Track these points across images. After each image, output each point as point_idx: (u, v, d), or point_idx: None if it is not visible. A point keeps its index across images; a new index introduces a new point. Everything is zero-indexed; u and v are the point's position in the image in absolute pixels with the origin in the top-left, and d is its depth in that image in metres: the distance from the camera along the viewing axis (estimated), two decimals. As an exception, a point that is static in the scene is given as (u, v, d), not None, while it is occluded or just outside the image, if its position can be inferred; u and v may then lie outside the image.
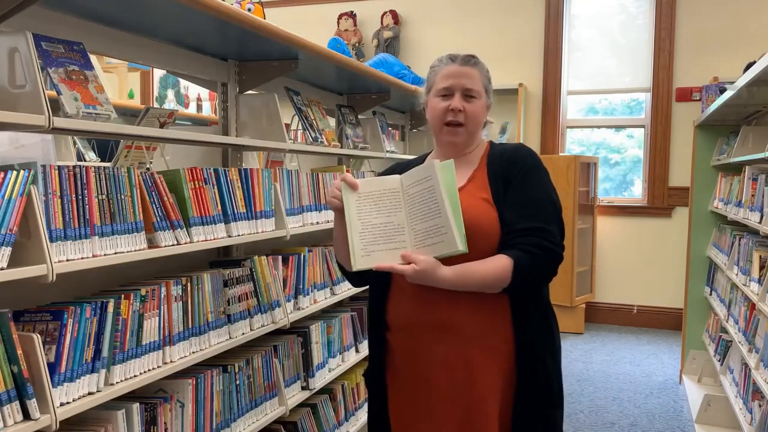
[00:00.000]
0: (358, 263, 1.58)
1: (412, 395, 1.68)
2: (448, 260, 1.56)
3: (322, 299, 2.60)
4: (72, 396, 1.43)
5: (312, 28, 6.30)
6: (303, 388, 2.45)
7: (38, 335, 1.34)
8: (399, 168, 1.83)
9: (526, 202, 1.62)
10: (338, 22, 6.69)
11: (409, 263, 1.53)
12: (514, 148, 1.73)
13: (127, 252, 1.61)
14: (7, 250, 1.29)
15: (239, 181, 2.08)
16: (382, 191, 1.62)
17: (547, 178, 1.69)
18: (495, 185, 1.66)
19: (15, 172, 1.32)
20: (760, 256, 2.86)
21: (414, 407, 1.68)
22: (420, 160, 1.85)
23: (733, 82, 3.11)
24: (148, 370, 1.67)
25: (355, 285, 1.89)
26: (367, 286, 1.83)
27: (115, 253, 1.57)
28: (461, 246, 1.52)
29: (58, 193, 1.43)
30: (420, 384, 1.66)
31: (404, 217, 1.60)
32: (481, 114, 1.72)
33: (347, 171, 2.80)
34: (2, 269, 1.28)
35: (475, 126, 1.71)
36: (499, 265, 1.56)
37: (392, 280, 1.71)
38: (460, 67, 1.70)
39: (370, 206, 1.61)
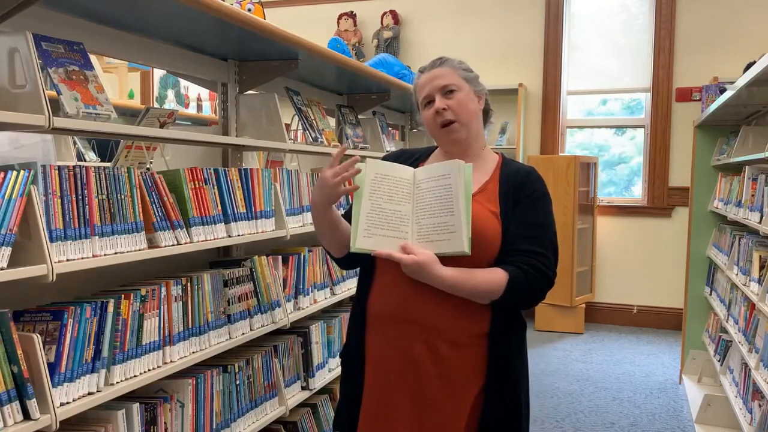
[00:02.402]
0: (358, 242, 1.57)
1: (384, 388, 1.67)
2: (443, 261, 1.57)
3: (322, 299, 2.60)
4: (72, 396, 1.44)
5: (312, 28, 6.30)
6: (303, 388, 2.45)
7: (38, 335, 1.34)
8: (404, 156, 1.84)
9: (531, 226, 1.65)
10: (338, 22, 6.69)
11: (409, 254, 1.54)
12: (528, 171, 1.75)
13: (127, 252, 1.61)
14: (7, 250, 1.29)
15: (239, 181, 2.08)
16: (397, 179, 1.62)
17: (551, 208, 1.73)
18: (504, 201, 1.68)
19: (15, 172, 1.32)
20: (760, 256, 2.86)
21: (386, 399, 1.67)
22: (425, 153, 1.85)
23: (733, 82, 3.11)
24: (148, 370, 1.67)
25: (343, 267, 1.90)
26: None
27: (115, 253, 1.57)
28: (466, 248, 1.53)
29: (58, 193, 1.43)
30: (392, 378, 1.66)
31: (411, 209, 1.60)
32: (469, 102, 1.72)
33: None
34: (2, 269, 1.28)
35: (467, 116, 1.72)
36: (495, 277, 1.58)
37: (376, 269, 1.71)
38: (429, 73, 1.74)
39: (383, 190, 1.60)
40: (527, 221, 1.65)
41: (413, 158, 1.82)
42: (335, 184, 1.63)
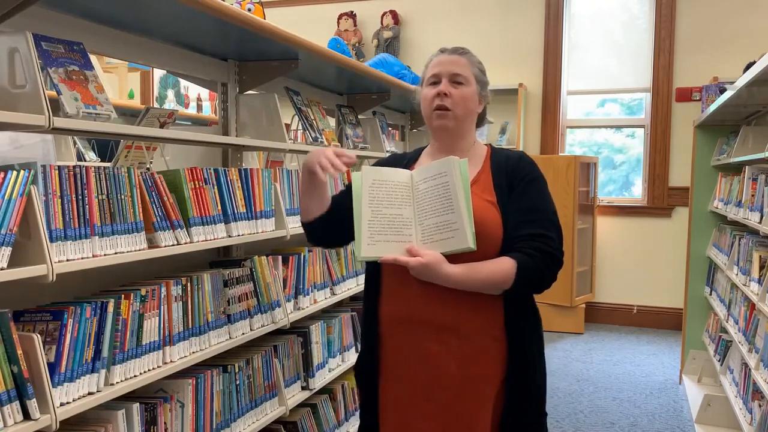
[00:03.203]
0: (364, 251, 1.57)
1: (403, 391, 1.68)
2: (450, 259, 1.56)
3: (322, 299, 2.60)
4: (72, 396, 1.43)
5: (312, 28, 6.30)
6: (303, 388, 2.45)
7: (38, 335, 1.34)
8: (396, 160, 1.84)
9: (529, 210, 1.65)
10: (338, 22, 6.69)
11: (415, 257, 1.54)
12: (518, 156, 1.75)
13: (127, 252, 1.61)
14: (7, 250, 1.29)
15: (239, 181, 2.08)
16: (395, 183, 1.62)
17: (547, 189, 1.73)
18: (499, 189, 1.67)
19: (15, 172, 1.32)
20: (760, 256, 2.86)
21: (405, 403, 1.67)
22: (415, 154, 1.86)
23: (733, 82, 3.11)
24: (148, 370, 1.67)
25: (311, 240, 1.89)
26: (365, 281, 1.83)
27: (115, 253, 1.57)
28: (471, 243, 1.52)
29: (58, 193, 1.43)
30: (411, 380, 1.66)
31: (412, 212, 1.60)
32: (470, 100, 1.72)
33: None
34: (2, 269, 1.28)
35: (463, 111, 1.71)
36: (503, 267, 1.58)
37: (382, 274, 1.71)
38: (448, 56, 1.74)
39: (382, 196, 1.60)
40: (524, 206, 1.65)
41: (404, 161, 1.82)
42: (322, 165, 1.71)
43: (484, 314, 1.63)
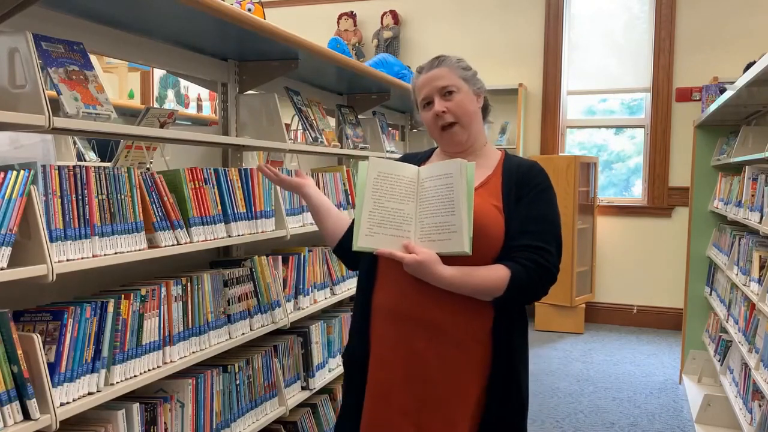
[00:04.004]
0: (361, 241, 1.57)
1: (387, 380, 1.68)
2: (445, 260, 1.57)
3: (322, 299, 2.60)
4: (72, 396, 1.44)
5: (312, 28, 6.30)
6: (303, 388, 2.45)
7: (38, 335, 1.34)
8: (407, 159, 1.85)
9: (534, 220, 1.64)
10: (338, 22, 6.69)
11: (411, 253, 1.55)
12: (530, 165, 1.75)
13: (127, 252, 1.61)
14: (7, 250, 1.29)
15: (239, 181, 2.08)
16: (400, 177, 1.62)
17: (555, 201, 1.72)
18: (507, 195, 1.67)
19: (15, 172, 1.32)
20: (760, 256, 2.86)
21: (388, 392, 1.67)
22: (427, 154, 1.86)
23: (733, 82, 3.11)
24: (148, 370, 1.67)
25: (344, 262, 1.96)
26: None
27: (115, 253, 1.57)
28: (467, 248, 1.53)
29: (58, 193, 1.43)
30: (395, 371, 1.66)
31: (413, 208, 1.61)
32: (468, 103, 1.72)
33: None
34: (2, 269, 1.28)
35: (467, 118, 1.72)
36: (496, 275, 1.58)
37: (378, 267, 1.71)
38: (428, 74, 1.74)
39: (386, 188, 1.60)
40: (530, 215, 1.64)
41: (416, 159, 1.83)
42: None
43: (473, 318, 1.63)
